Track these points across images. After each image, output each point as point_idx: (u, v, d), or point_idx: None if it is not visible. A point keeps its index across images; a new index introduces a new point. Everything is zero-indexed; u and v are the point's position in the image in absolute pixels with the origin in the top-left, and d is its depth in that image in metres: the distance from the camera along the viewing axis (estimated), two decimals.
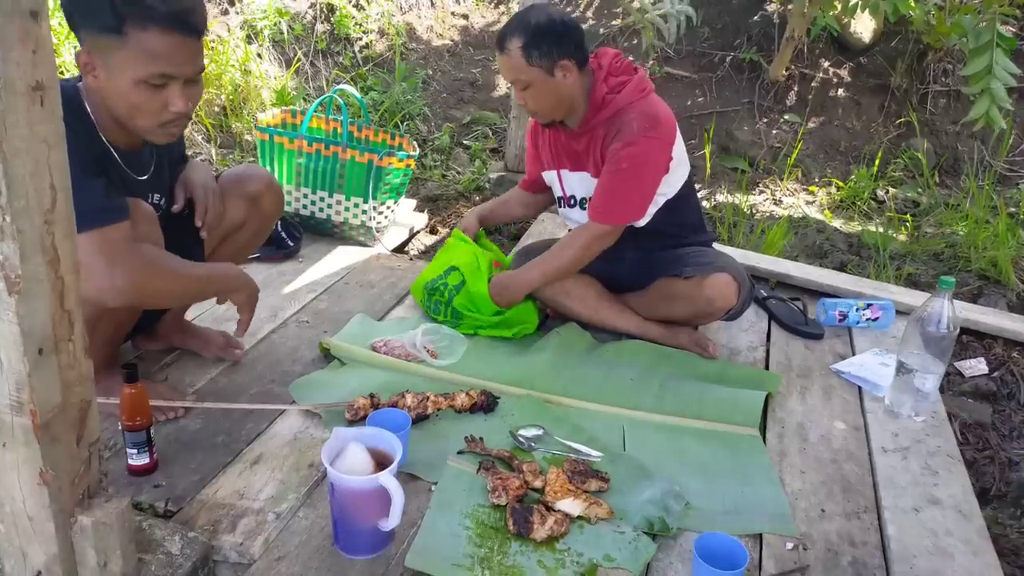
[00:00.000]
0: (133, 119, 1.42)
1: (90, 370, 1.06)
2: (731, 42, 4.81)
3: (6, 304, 0.92)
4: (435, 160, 4.05)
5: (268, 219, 1.94)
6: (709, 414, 1.90)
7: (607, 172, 2.05)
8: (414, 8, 5.07)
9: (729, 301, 2.08)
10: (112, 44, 1.33)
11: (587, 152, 2.13)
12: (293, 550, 1.38)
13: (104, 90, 1.39)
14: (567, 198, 2.26)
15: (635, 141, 2.00)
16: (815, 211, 4.01)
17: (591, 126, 2.08)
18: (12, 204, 0.89)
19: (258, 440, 1.66)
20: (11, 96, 0.86)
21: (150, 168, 1.62)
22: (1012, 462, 2.17)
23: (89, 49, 1.36)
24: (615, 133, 2.04)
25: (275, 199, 1.92)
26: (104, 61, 1.35)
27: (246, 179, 1.87)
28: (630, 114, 2.03)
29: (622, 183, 2.03)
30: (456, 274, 2.22)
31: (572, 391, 1.95)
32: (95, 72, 1.37)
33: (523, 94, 2.05)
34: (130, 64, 1.34)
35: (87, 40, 1.36)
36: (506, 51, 2.00)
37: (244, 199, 1.86)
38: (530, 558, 1.38)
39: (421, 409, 1.73)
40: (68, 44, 3.69)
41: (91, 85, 1.40)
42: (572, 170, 2.20)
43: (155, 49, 1.33)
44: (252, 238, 1.95)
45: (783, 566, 1.46)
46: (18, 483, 1.03)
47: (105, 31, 1.32)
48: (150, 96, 1.38)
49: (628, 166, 2.01)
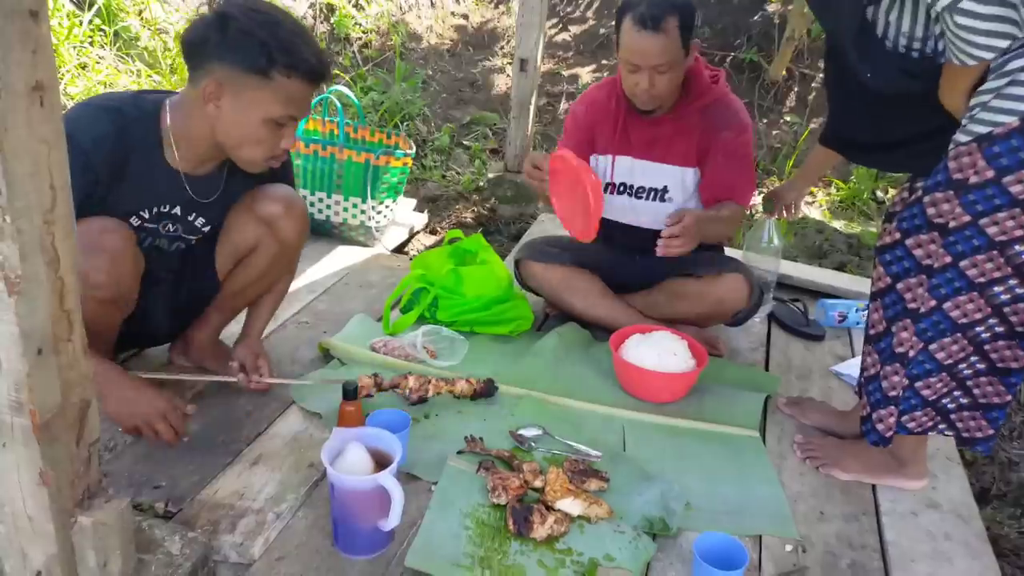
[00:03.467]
0: (241, 149, 1.51)
1: (90, 370, 1.06)
2: (731, 42, 4.81)
3: (5, 304, 0.92)
4: (435, 160, 4.05)
5: (288, 247, 1.73)
6: (709, 415, 1.90)
7: (725, 161, 2.06)
8: (414, 8, 5.07)
9: (739, 303, 2.08)
10: (251, 83, 1.43)
11: (674, 139, 2.07)
12: (293, 550, 1.38)
13: (223, 119, 1.47)
14: (614, 185, 2.17)
15: (746, 130, 2.07)
16: (815, 211, 4.01)
17: (684, 113, 2.05)
18: (12, 204, 0.89)
19: (258, 440, 1.66)
20: (11, 96, 0.86)
21: (216, 192, 1.65)
22: (1012, 462, 2.17)
23: (221, 81, 1.43)
24: (724, 123, 2.05)
25: (295, 225, 1.70)
26: (236, 95, 1.44)
27: (261, 197, 1.68)
28: (732, 106, 2.07)
29: (742, 172, 2.08)
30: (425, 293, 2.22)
31: (572, 391, 1.95)
32: (218, 102, 1.45)
33: (659, 78, 1.92)
34: (265, 103, 1.45)
35: (220, 72, 1.43)
36: (662, 30, 1.84)
37: (257, 219, 1.69)
38: (530, 558, 1.38)
39: (422, 392, 1.74)
40: (68, 45, 3.69)
41: (208, 112, 1.46)
42: (638, 157, 2.12)
43: (293, 94, 1.46)
44: (270, 267, 1.75)
45: (782, 568, 1.46)
46: (18, 483, 1.03)
47: (250, 70, 1.42)
48: (270, 133, 1.49)
49: (745, 153, 2.08)
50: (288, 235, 1.71)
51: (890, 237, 1.56)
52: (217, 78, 1.43)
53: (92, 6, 3.90)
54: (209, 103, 1.46)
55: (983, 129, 1.35)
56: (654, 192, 2.14)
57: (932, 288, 1.46)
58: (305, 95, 1.50)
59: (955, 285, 1.44)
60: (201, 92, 1.45)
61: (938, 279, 1.45)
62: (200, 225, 1.68)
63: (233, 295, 1.81)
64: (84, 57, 3.79)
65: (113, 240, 1.45)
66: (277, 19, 1.44)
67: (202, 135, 1.51)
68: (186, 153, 1.54)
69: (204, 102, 1.46)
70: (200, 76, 1.45)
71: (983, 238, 1.38)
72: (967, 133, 1.38)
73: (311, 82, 1.48)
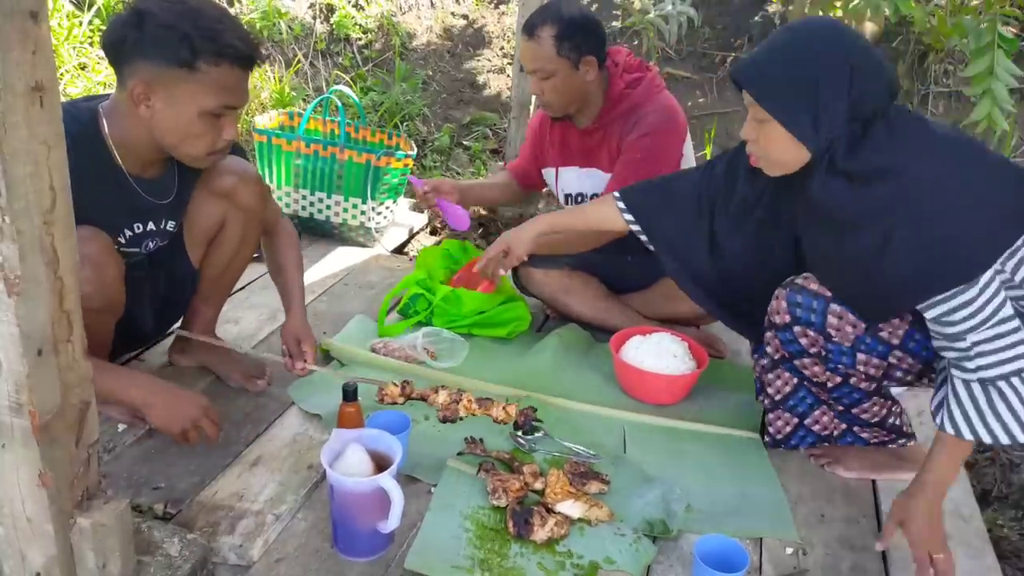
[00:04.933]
0: (183, 147, 1.48)
1: (89, 371, 1.06)
2: (732, 42, 4.80)
3: (5, 305, 0.92)
4: (435, 161, 4.05)
5: (251, 214, 1.73)
6: (710, 417, 1.90)
7: (622, 162, 2.07)
8: (414, 8, 5.06)
9: None
10: (179, 76, 1.39)
11: (600, 147, 2.14)
12: (292, 552, 1.37)
13: (157, 119, 1.43)
14: (573, 196, 2.26)
15: (650, 132, 2.05)
16: None
17: (605, 122, 2.11)
18: (12, 205, 0.88)
19: (257, 442, 1.66)
20: (11, 97, 0.86)
21: (171, 194, 1.63)
22: (1013, 464, 2.17)
23: (147, 80, 1.39)
24: (631, 127, 2.06)
25: (251, 192, 1.70)
26: (166, 92, 1.40)
27: (216, 174, 1.67)
28: (645, 108, 2.07)
29: (636, 172, 2.04)
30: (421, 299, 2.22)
31: (572, 393, 1.94)
32: (148, 102, 1.42)
33: (542, 84, 2.04)
34: (198, 96, 1.41)
35: (145, 71, 1.39)
36: (536, 38, 1.98)
37: (216, 196, 1.69)
38: (530, 560, 1.38)
39: (450, 412, 1.65)
40: (67, 45, 3.69)
41: (141, 114, 1.43)
42: (583, 167, 2.20)
43: (225, 83, 1.42)
44: (241, 242, 1.76)
45: (783, 570, 1.46)
46: (17, 485, 1.03)
47: (175, 64, 1.37)
48: (209, 126, 1.45)
49: (642, 156, 2.04)
50: (249, 200, 1.70)
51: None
52: (143, 78, 1.39)
53: (92, 6, 3.90)
54: (140, 104, 1.42)
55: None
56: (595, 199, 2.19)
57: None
58: (238, 81, 1.45)
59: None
60: (129, 94, 1.41)
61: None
62: (172, 228, 1.67)
63: (214, 280, 1.80)
64: (84, 57, 3.79)
65: (92, 249, 1.41)
66: (195, 7, 1.40)
67: (141, 138, 1.47)
68: (131, 158, 1.50)
69: (135, 104, 1.42)
70: (126, 77, 1.41)
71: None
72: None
73: (241, 67, 1.43)
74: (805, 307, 1.52)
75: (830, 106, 1.35)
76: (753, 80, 1.42)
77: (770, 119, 1.41)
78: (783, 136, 1.41)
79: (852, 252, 1.40)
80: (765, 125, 1.42)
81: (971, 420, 1.33)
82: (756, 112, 1.43)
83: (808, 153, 1.41)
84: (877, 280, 1.39)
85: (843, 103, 1.35)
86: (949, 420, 1.35)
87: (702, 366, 1.95)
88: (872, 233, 1.35)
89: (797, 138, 1.40)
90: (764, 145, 1.46)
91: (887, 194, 1.33)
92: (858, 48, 1.37)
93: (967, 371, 1.33)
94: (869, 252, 1.36)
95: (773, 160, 1.48)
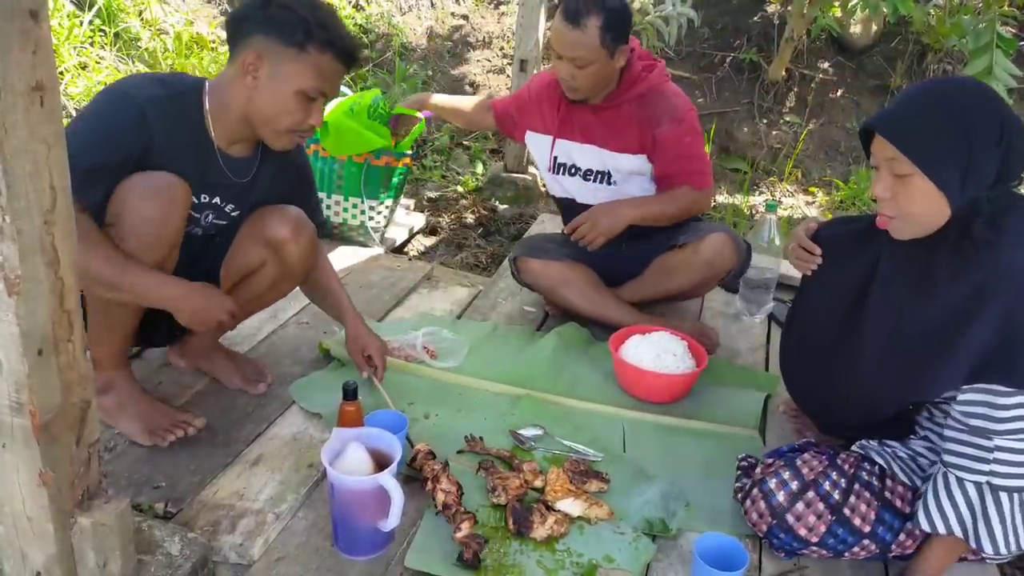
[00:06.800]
0: (273, 121, 1.55)
1: (90, 370, 1.06)
2: (731, 43, 4.81)
3: (6, 305, 0.92)
4: (435, 161, 4.05)
5: (292, 272, 1.74)
6: (709, 415, 1.90)
7: (678, 144, 2.10)
8: (414, 8, 5.07)
9: (728, 261, 2.09)
10: (288, 55, 1.49)
11: (610, 125, 2.15)
12: (293, 550, 1.38)
13: (259, 90, 1.52)
14: (567, 167, 2.25)
15: (685, 116, 2.11)
16: (815, 212, 4.01)
17: (619, 102, 2.12)
18: (12, 205, 0.89)
19: (258, 441, 1.66)
20: (11, 96, 0.86)
21: (247, 177, 1.66)
22: None
23: (260, 52, 1.49)
24: (657, 114, 2.09)
25: (302, 250, 1.71)
26: (273, 67, 1.50)
27: (268, 219, 1.68)
28: (666, 94, 2.12)
29: (697, 148, 2.11)
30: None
31: (572, 391, 1.95)
32: (256, 73, 1.50)
33: (578, 72, 2.01)
34: (300, 75, 1.50)
35: (260, 44, 1.49)
36: (582, 27, 1.94)
37: (262, 243, 1.69)
38: (529, 557, 1.38)
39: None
40: (68, 45, 3.70)
41: (247, 84, 1.51)
42: (583, 142, 2.20)
43: (326, 70, 1.52)
44: (270, 290, 1.77)
45: (782, 568, 1.46)
46: (18, 484, 1.03)
47: (288, 43, 1.48)
48: (300, 106, 1.53)
49: (691, 138, 2.11)
50: (293, 261, 1.71)
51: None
52: (257, 50, 1.49)
53: (92, 6, 3.90)
54: (247, 75, 1.50)
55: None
56: (600, 175, 2.22)
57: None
58: (336, 73, 1.56)
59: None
60: (241, 63, 1.50)
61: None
62: (230, 211, 1.68)
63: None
64: (84, 57, 3.79)
65: (169, 181, 1.46)
66: (315, 0, 1.53)
67: (236, 110, 1.55)
68: (221, 130, 1.57)
69: (243, 74, 1.50)
70: (241, 49, 1.51)
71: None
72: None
73: (343, 61, 1.55)
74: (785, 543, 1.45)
75: (980, 163, 1.27)
76: (896, 131, 1.31)
77: (913, 173, 1.30)
78: (927, 191, 1.30)
79: (931, 312, 1.33)
80: (907, 180, 1.31)
81: (964, 521, 1.30)
82: (895, 167, 1.31)
83: (949, 212, 1.31)
84: (941, 346, 1.31)
85: (994, 161, 1.28)
86: (941, 518, 1.32)
87: (702, 365, 1.96)
88: (973, 298, 1.28)
89: (943, 191, 1.29)
90: (904, 202, 1.33)
91: (1010, 262, 1.27)
92: (1008, 108, 1.31)
93: (974, 472, 1.28)
94: (960, 312, 1.29)
95: (913, 217, 1.35)
